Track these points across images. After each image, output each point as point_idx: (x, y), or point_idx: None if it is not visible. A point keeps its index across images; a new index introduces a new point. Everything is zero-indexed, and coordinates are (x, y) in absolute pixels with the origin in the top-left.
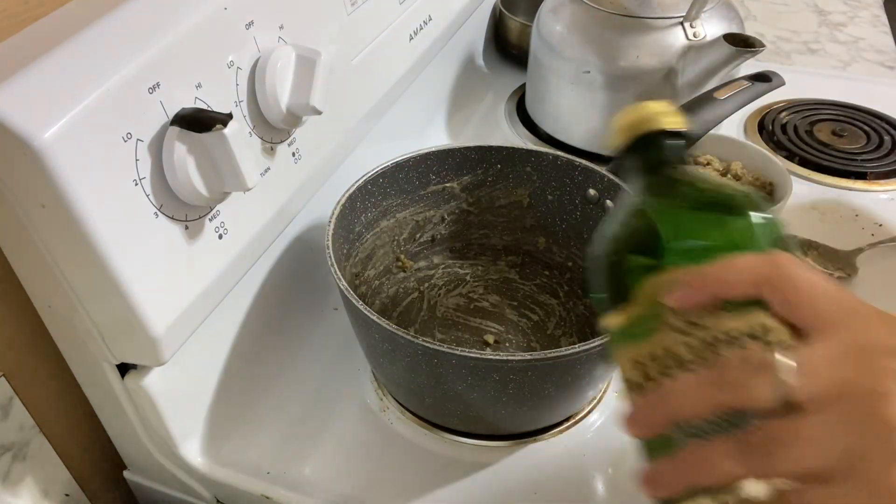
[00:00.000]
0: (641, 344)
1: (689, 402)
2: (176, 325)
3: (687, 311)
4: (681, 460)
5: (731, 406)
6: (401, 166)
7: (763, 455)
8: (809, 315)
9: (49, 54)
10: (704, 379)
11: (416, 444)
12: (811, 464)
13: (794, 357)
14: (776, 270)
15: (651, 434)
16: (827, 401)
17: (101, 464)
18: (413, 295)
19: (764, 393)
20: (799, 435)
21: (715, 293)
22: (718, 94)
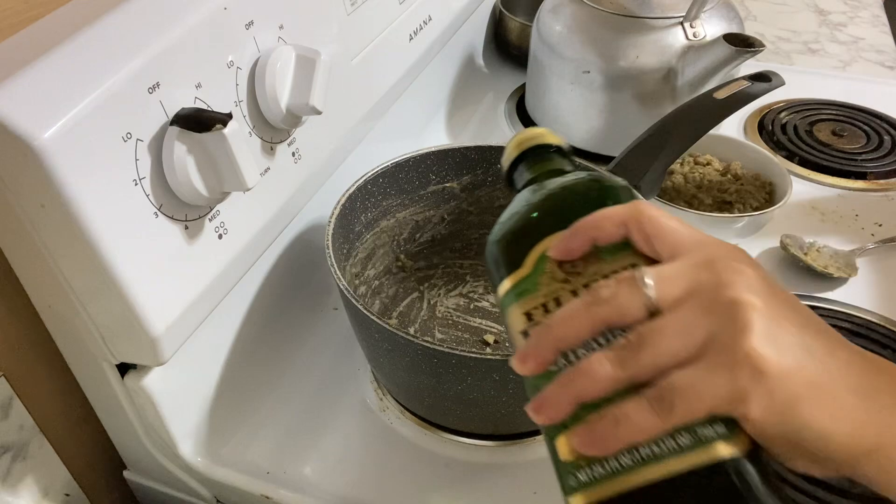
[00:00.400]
0: (529, 298)
1: (570, 326)
2: (176, 325)
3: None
4: (565, 377)
5: (606, 321)
6: (401, 166)
7: (633, 353)
8: (666, 245)
9: (49, 54)
10: (581, 302)
11: (416, 444)
12: (674, 351)
13: (654, 273)
14: (637, 211)
15: (540, 367)
16: (682, 299)
17: (101, 464)
18: (413, 295)
19: (632, 303)
20: (662, 330)
21: (589, 237)
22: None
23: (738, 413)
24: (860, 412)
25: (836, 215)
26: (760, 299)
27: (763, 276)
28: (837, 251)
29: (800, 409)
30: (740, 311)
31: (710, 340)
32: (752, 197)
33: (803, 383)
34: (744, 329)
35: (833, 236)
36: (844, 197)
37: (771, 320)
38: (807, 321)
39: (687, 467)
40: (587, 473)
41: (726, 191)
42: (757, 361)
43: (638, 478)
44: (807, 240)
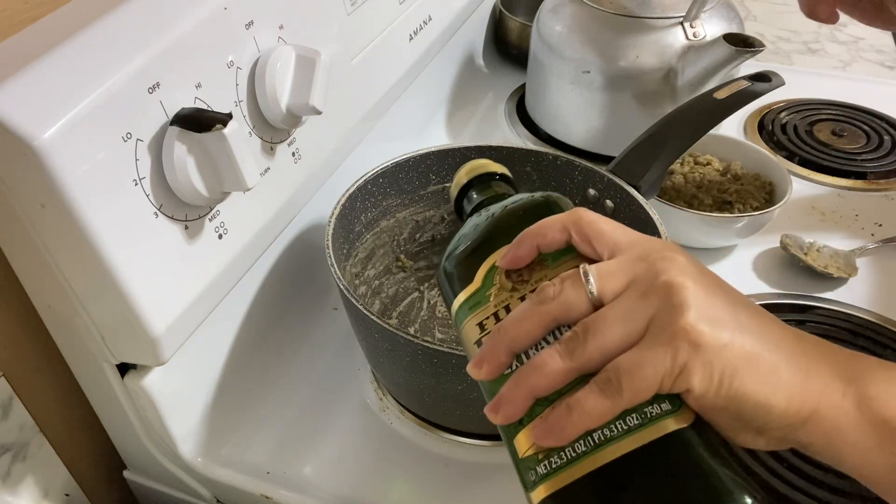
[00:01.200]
0: (481, 310)
1: (521, 327)
2: (176, 325)
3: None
4: (519, 375)
5: (554, 318)
6: (401, 166)
7: (580, 344)
8: (605, 245)
9: (49, 54)
10: (529, 303)
11: (416, 443)
12: (618, 337)
13: (595, 269)
14: (576, 217)
15: (495, 370)
16: (622, 290)
17: (101, 464)
18: (413, 295)
19: (576, 298)
20: (605, 319)
21: (534, 244)
22: (718, 94)
23: (681, 387)
24: (796, 381)
25: (836, 215)
26: (693, 281)
27: (694, 262)
28: (837, 251)
29: (738, 379)
30: (675, 292)
31: (649, 323)
32: (752, 197)
33: (740, 355)
34: (679, 307)
35: (833, 236)
36: (844, 197)
37: (705, 299)
38: (739, 301)
39: (637, 445)
40: (545, 465)
41: (726, 191)
42: (694, 335)
43: (593, 462)
44: (807, 240)
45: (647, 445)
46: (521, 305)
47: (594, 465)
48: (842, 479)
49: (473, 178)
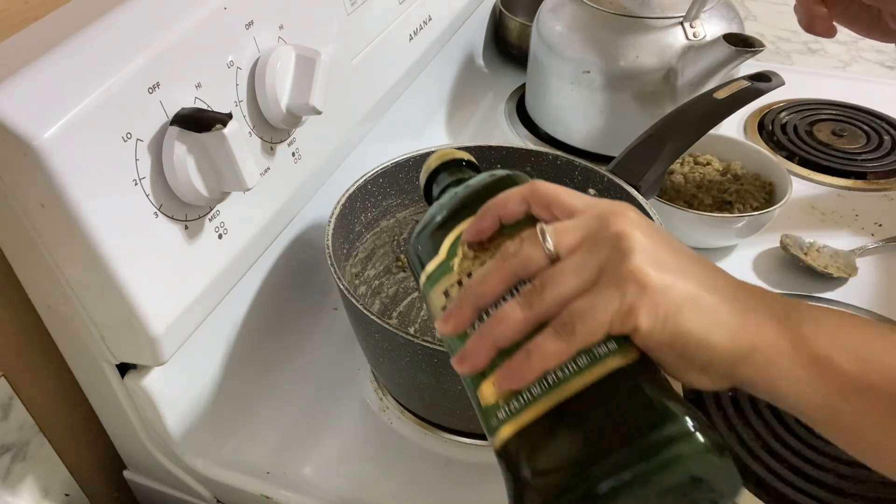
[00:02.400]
0: (446, 278)
1: (484, 283)
2: (176, 325)
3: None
4: (482, 328)
5: (515, 273)
6: (401, 166)
7: (538, 294)
8: (562, 210)
9: (49, 54)
10: (492, 262)
11: (416, 444)
12: (572, 286)
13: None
14: (534, 187)
15: (461, 326)
16: (577, 245)
17: (101, 464)
18: (413, 295)
19: (534, 254)
20: (561, 270)
21: (496, 216)
22: (718, 94)
23: (629, 325)
24: (735, 321)
25: (836, 215)
26: (640, 231)
27: (643, 218)
28: (837, 251)
29: (681, 318)
30: (623, 240)
31: (600, 270)
32: (752, 197)
33: (683, 296)
34: (627, 253)
35: (833, 236)
36: (844, 197)
37: (651, 246)
38: (684, 251)
39: (587, 382)
40: (505, 410)
41: (726, 191)
42: (640, 277)
43: (548, 401)
44: (807, 240)
45: (596, 382)
46: (485, 266)
47: (549, 404)
48: (842, 479)
49: (441, 164)
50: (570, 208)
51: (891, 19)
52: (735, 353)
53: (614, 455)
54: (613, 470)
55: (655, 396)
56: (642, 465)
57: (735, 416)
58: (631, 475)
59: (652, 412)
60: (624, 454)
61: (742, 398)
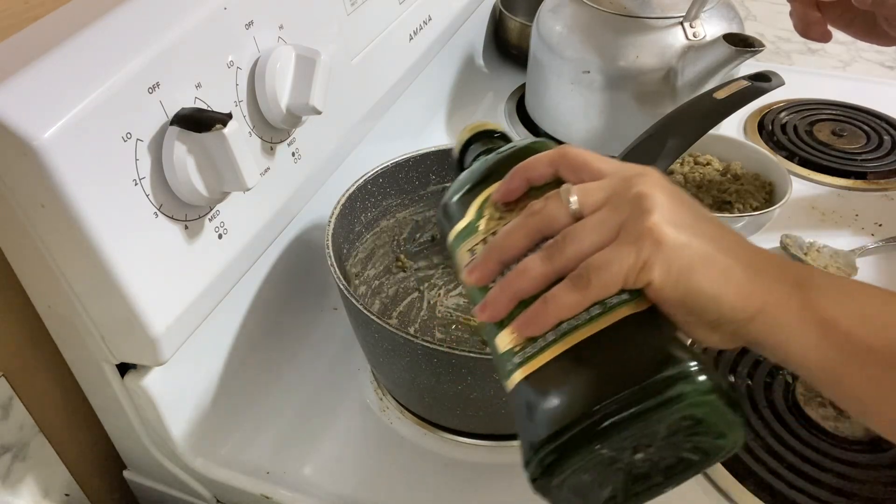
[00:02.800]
0: (472, 238)
1: (509, 238)
2: (176, 325)
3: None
4: (505, 280)
5: (539, 229)
6: (401, 166)
7: (559, 249)
8: (590, 173)
9: (49, 54)
10: (518, 218)
11: (416, 444)
12: (593, 242)
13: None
14: (563, 151)
15: (486, 277)
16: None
17: (101, 464)
18: (413, 295)
19: (558, 211)
20: (583, 227)
21: (525, 178)
22: (718, 94)
23: (643, 280)
24: (746, 280)
25: (836, 215)
26: (661, 192)
27: (666, 181)
28: (837, 251)
29: (694, 274)
30: (644, 199)
31: (621, 227)
32: (752, 197)
33: (697, 255)
34: (647, 211)
35: (833, 236)
36: (844, 197)
37: (670, 206)
38: (702, 214)
39: (599, 328)
40: (521, 355)
41: (726, 191)
42: (657, 234)
43: (561, 346)
44: (807, 240)
45: (607, 328)
46: (511, 222)
47: (562, 348)
48: (841, 479)
49: (472, 135)
50: (597, 171)
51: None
52: (744, 311)
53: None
54: (617, 407)
55: (661, 341)
56: (644, 403)
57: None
58: (634, 412)
59: (656, 355)
60: (627, 393)
61: (742, 399)
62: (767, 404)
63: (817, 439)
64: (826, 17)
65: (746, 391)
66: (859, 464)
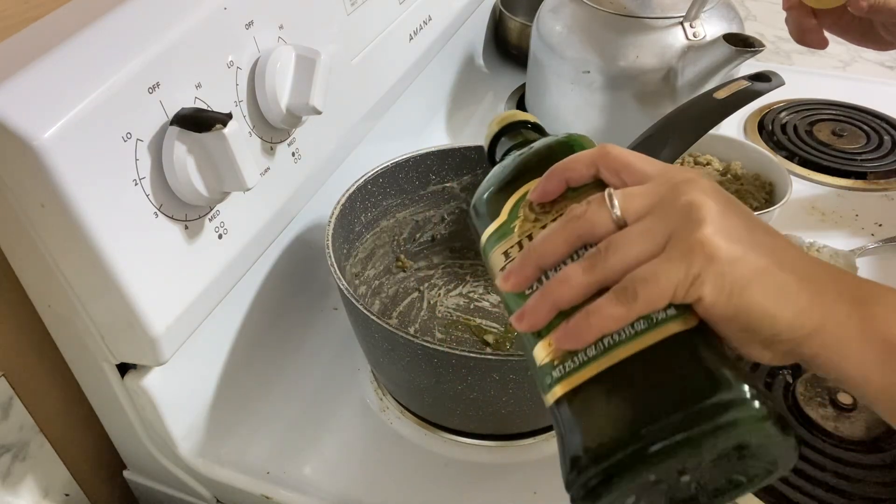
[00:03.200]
0: (506, 240)
1: (548, 243)
2: (176, 325)
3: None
4: (544, 288)
5: (580, 236)
6: (401, 166)
7: (602, 259)
8: (633, 176)
9: (49, 54)
10: (557, 223)
11: (416, 444)
12: (638, 252)
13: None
14: (604, 151)
15: (523, 284)
16: (645, 211)
17: (101, 464)
18: (413, 295)
19: (600, 217)
20: (627, 236)
21: (563, 178)
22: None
23: (693, 296)
24: (804, 297)
25: (836, 215)
26: (713, 200)
27: (717, 187)
28: (837, 251)
29: (748, 291)
30: (694, 209)
31: (668, 238)
32: (752, 197)
33: (752, 269)
34: (698, 222)
35: (833, 236)
36: (844, 197)
37: (722, 216)
38: (757, 223)
39: (643, 346)
40: (560, 369)
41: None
42: (709, 248)
43: (603, 363)
44: (807, 240)
45: (652, 346)
46: (551, 226)
47: (605, 365)
48: (841, 479)
49: (504, 126)
50: (640, 174)
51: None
52: (802, 329)
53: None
54: (666, 432)
55: (712, 362)
56: (695, 429)
57: None
58: (683, 438)
59: (708, 377)
60: (677, 417)
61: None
62: None
63: (817, 439)
64: (822, 24)
65: None
66: (859, 464)
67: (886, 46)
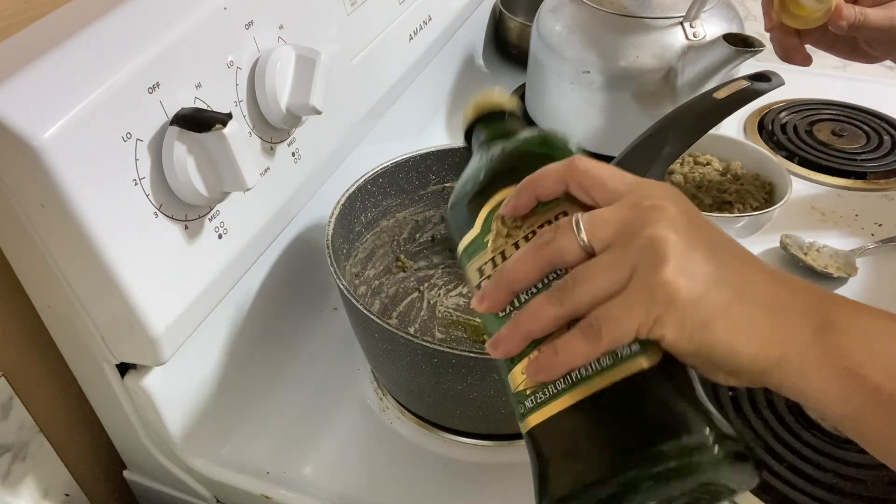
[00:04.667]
0: (480, 255)
1: (519, 270)
2: (175, 325)
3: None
4: (515, 319)
5: (550, 262)
6: (401, 166)
7: (569, 292)
8: (603, 193)
9: (49, 54)
10: (528, 248)
11: (416, 444)
12: (603, 287)
13: (586, 218)
14: (573, 166)
15: (496, 306)
16: (611, 241)
17: (101, 464)
18: (413, 295)
19: (568, 245)
20: (592, 269)
21: (533, 195)
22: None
23: (655, 335)
24: (766, 329)
25: (835, 215)
26: (676, 233)
27: (684, 211)
28: (837, 251)
29: (709, 331)
30: (657, 246)
31: (632, 274)
32: (752, 197)
33: (713, 307)
34: (660, 262)
35: (833, 236)
36: (844, 197)
37: (684, 252)
38: (721, 249)
39: (609, 383)
40: (532, 400)
41: (726, 191)
42: (669, 289)
43: (571, 397)
44: (807, 240)
45: (618, 382)
46: (521, 250)
47: (573, 399)
48: (841, 478)
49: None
50: (610, 192)
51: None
52: (764, 362)
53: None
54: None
55: (676, 401)
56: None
57: (735, 416)
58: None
59: (670, 417)
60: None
61: (742, 399)
62: (767, 404)
63: (817, 439)
64: (807, 41)
65: (746, 391)
66: (859, 464)
67: (874, 60)
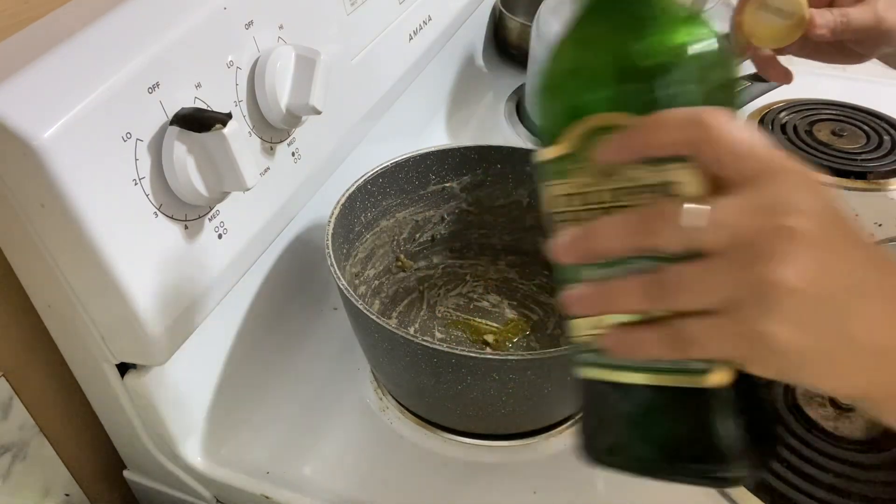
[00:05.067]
0: (560, 183)
1: (608, 243)
2: (175, 325)
3: None
4: (599, 290)
5: (643, 249)
6: (401, 166)
7: (661, 294)
8: (733, 172)
9: (49, 54)
10: (622, 223)
11: (416, 444)
12: (698, 304)
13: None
14: (707, 125)
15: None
16: (724, 250)
17: (101, 464)
18: (413, 295)
19: (673, 240)
20: (694, 280)
21: (642, 153)
22: None
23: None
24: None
25: None
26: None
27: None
28: None
29: (800, 373)
30: (771, 293)
31: (734, 305)
32: None
33: (810, 356)
34: (768, 312)
35: None
36: (844, 197)
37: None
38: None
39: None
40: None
41: None
42: (771, 341)
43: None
44: None
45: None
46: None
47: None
48: (841, 479)
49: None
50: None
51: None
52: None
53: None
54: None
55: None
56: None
57: None
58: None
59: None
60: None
61: None
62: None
63: (817, 439)
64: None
65: None
66: (859, 464)
67: (861, 60)
